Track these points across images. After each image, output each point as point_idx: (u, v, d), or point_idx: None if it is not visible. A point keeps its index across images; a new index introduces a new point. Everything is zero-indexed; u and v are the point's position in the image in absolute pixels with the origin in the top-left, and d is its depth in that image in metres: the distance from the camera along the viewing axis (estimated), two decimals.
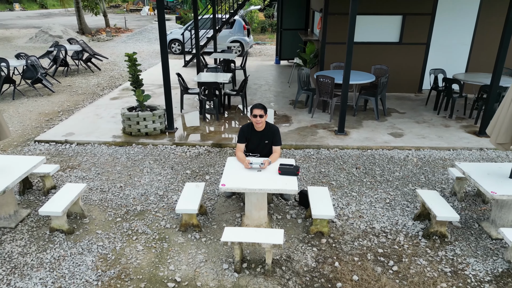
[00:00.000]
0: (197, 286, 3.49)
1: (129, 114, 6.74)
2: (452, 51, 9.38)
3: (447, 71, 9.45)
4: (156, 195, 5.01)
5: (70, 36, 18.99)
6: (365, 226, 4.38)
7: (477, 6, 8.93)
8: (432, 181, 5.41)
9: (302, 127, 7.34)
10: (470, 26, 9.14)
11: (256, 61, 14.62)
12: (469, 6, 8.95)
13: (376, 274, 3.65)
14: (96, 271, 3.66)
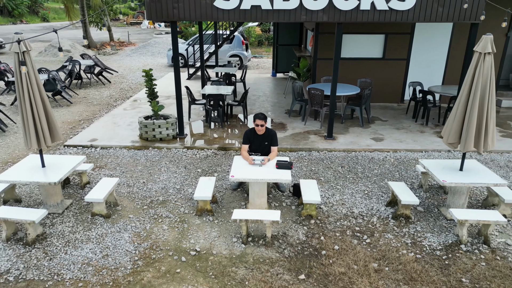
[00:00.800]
0: (213, 254, 4.49)
1: (146, 122, 7.77)
2: (430, 66, 10.52)
3: (426, 84, 10.58)
4: (174, 188, 6.01)
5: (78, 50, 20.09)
6: (346, 211, 5.41)
7: (451, 26, 10.09)
8: (404, 177, 6.46)
9: (296, 133, 8.40)
10: (445, 44, 10.29)
11: (254, 73, 15.74)
12: (443, 26, 10.11)
13: (352, 245, 4.66)
14: (133, 244, 4.65)
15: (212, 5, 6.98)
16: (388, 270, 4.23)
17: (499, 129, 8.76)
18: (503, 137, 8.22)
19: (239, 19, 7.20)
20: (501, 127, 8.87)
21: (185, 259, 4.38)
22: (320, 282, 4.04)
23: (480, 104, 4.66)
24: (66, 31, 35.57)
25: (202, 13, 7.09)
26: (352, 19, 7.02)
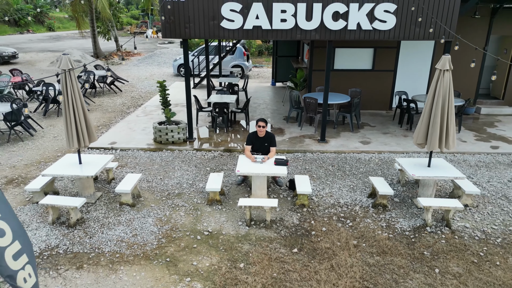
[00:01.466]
0: (223, 234, 5.48)
1: (159, 127, 8.79)
2: (415, 76, 11.56)
3: (411, 93, 11.62)
4: (187, 183, 7.02)
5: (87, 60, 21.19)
6: (334, 201, 6.41)
7: (433, 41, 11.16)
8: (386, 174, 7.46)
9: (293, 137, 9.41)
10: (428, 56, 11.35)
11: (255, 83, 16.80)
12: (426, 41, 11.18)
13: (337, 227, 5.66)
14: (156, 226, 5.64)
15: (219, 26, 8.05)
16: (364, 245, 5.22)
17: (475, 133, 9.79)
18: (476, 141, 9.24)
19: (242, 38, 8.27)
20: (477, 132, 9.89)
21: (200, 238, 5.38)
22: (309, 254, 5.03)
23: (442, 111, 5.68)
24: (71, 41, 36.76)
25: (210, 32, 8.15)
26: (340, 37, 8.08)
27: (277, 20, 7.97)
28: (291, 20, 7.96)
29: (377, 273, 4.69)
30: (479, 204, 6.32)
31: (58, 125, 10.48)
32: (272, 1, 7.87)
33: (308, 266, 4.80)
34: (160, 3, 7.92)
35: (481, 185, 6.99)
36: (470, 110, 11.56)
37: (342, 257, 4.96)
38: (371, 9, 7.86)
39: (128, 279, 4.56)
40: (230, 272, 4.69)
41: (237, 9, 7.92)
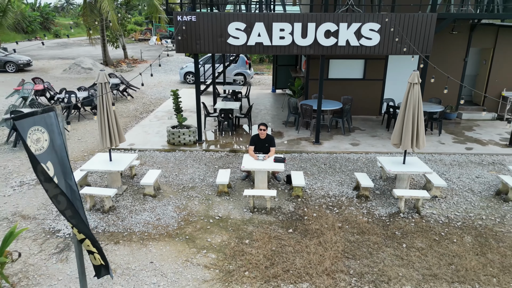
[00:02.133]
0: (231, 218, 6.63)
1: (173, 131, 9.97)
2: (402, 85, 12.72)
3: (398, 100, 12.77)
4: (199, 178, 8.17)
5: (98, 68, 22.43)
6: (324, 193, 7.56)
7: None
8: (371, 171, 8.61)
9: (291, 139, 10.58)
10: (413, 67, 12.52)
11: (256, 89, 18.00)
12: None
13: (326, 213, 6.80)
14: (175, 212, 6.80)
15: (226, 42, 9.24)
16: (347, 227, 6.36)
17: (454, 136, 10.94)
18: (454, 143, 10.39)
19: (245, 53, 9.46)
20: (455, 135, 11.05)
21: (212, 221, 6.53)
22: (302, 234, 6.17)
23: (412, 117, 6.84)
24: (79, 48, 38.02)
25: (218, 48, 9.35)
26: (332, 52, 9.27)
27: (276, 37, 9.16)
28: (289, 37, 9.15)
29: (356, 247, 5.84)
30: (447, 196, 7.47)
31: (80, 128, 11.66)
32: (272, 21, 9.07)
33: (301, 242, 5.95)
34: (175, 24, 9.12)
35: (451, 180, 8.13)
36: (452, 115, 12.72)
37: (328, 235, 6.11)
38: (358, 28, 9.05)
39: (156, 251, 5.70)
40: (238, 246, 5.83)
41: (241, 28, 9.12)
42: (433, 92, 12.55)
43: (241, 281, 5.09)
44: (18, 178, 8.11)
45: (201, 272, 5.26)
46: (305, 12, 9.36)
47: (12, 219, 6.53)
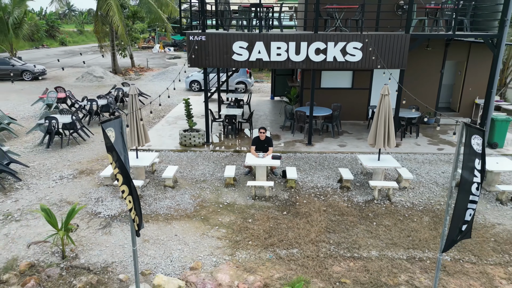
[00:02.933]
0: (236, 204, 8.18)
1: (184, 134, 11.54)
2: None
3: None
4: (208, 173, 9.72)
5: (109, 76, 24.06)
6: (313, 185, 9.11)
7: None
8: (354, 168, 10.17)
9: (287, 141, 12.14)
10: (396, 77, 14.10)
11: (256, 97, 19.59)
12: None
13: (314, 200, 8.36)
14: (191, 199, 8.35)
15: (231, 58, 10.84)
16: (330, 210, 7.91)
17: (429, 139, 12.52)
18: (428, 144, 11.96)
19: (247, 67, 11.05)
20: (431, 138, 12.63)
21: (221, 206, 8.08)
22: (293, 215, 7.72)
23: (384, 122, 8.41)
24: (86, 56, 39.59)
25: (224, 63, 10.94)
26: (321, 67, 10.87)
27: (274, 54, 10.76)
28: (284, 54, 10.75)
29: (336, 225, 7.39)
30: (415, 187, 9.02)
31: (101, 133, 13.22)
32: (270, 40, 10.68)
33: (292, 221, 7.50)
34: (188, 43, 10.72)
35: (420, 175, 9.70)
36: (431, 121, 14.31)
37: (314, 216, 7.66)
38: (344, 46, 10.66)
39: (179, 227, 7.25)
40: (243, 224, 7.38)
41: (244, 46, 10.72)
42: (413, 100, 14.14)
43: (245, 247, 6.64)
44: (57, 173, 9.66)
45: (214, 242, 6.81)
46: (298, 33, 10.96)
47: (60, 205, 8.08)
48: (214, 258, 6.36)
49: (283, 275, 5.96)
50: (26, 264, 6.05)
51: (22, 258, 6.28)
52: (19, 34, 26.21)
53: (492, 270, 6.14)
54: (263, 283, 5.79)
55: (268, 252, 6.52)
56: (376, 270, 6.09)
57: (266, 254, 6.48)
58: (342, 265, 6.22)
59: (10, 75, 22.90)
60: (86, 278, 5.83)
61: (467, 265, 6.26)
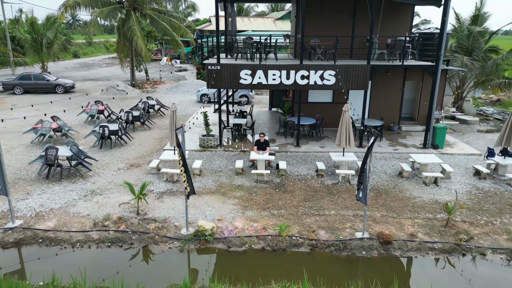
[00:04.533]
0: (244, 185, 11.98)
1: (203, 138, 15.34)
2: (358, 107, 18.11)
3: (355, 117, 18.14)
4: (223, 166, 13.50)
5: (129, 89, 27.90)
6: (298, 174, 12.91)
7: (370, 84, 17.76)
8: (329, 163, 13.95)
9: (281, 144, 15.94)
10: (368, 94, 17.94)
11: (256, 108, 23.43)
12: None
13: (297, 183, 12.16)
14: (213, 182, 12.14)
15: (239, 82, 14.67)
16: (308, 189, 11.71)
17: (390, 142, 16.32)
18: (388, 146, 15.77)
19: (251, 88, 14.89)
20: (391, 141, 16.43)
21: (234, 187, 11.87)
22: (283, 191, 11.51)
23: (345, 129, 12.23)
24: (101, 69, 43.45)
25: (234, 85, 14.78)
26: (305, 88, 14.71)
27: (270, 79, 14.59)
28: (278, 79, 14.59)
29: (311, 197, 11.17)
30: (371, 173, 12.79)
31: (138, 137, 17.02)
32: (267, 69, 14.52)
33: (282, 195, 11.28)
34: (207, 72, 14.56)
35: (376, 167, 13.49)
36: (394, 128, 18.14)
37: (297, 192, 11.44)
38: (322, 73, 14.51)
39: (208, 198, 11.03)
40: (249, 196, 11.16)
41: (248, 73, 14.57)
42: (378, 112, 17.99)
43: (251, 209, 10.42)
44: (115, 166, 13.46)
45: (231, 206, 10.59)
46: (288, 63, 14.82)
47: (124, 186, 11.84)
48: (231, 214, 10.15)
49: (275, 223, 9.73)
50: (116, 217, 9.83)
51: (113, 214, 10.07)
52: (50, 52, 30.10)
53: (404, 221, 9.93)
54: (262, 227, 9.56)
55: (265, 212, 10.30)
56: (332, 221, 9.87)
57: (264, 213, 10.26)
58: (312, 219, 10.00)
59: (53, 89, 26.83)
60: (154, 225, 9.60)
61: (389, 218, 10.05)
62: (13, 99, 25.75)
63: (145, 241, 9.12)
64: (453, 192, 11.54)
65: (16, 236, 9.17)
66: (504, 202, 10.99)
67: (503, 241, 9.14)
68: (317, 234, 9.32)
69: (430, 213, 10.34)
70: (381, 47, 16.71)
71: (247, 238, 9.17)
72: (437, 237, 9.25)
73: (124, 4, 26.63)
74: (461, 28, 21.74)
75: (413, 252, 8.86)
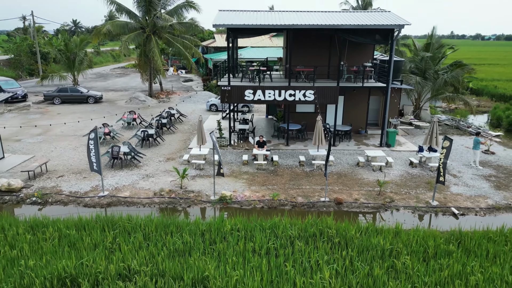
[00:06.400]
0: (249, 172, 17.45)
1: (217, 139, 20.80)
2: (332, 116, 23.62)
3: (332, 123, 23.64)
4: (233, 159, 18.95)
5: (149, 99, 33.30)
6: (286, 164, 18.39)
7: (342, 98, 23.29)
8: (308, 157, 19.44)
9: (275, 143, 21.42)
10: (341, 106, 23.46)
11: (256, 115, 28.91)
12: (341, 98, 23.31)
13: (286, 170, 17.65)
14: (227, 170, 17.60)
15: (244, 98, 20.15)
16: (293, 174, 17.19)
17: (356, 142, 21.83)
18: (354, 145, 21.28)
19: (252, 103, 20.41)
20: (357, 142, 21.94)
21: (242, 172, 17.33)
22: (275, 175, 16.98)
23: (318, 133, 17.72)
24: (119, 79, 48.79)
25: (240, 100, 20.26)
26: (292, 103, 20.21)
27: (267, 96, 20.08)
28: (272, 96, 20.07)
29: (294, 178, 16.64)
30: (337, 164, 18.30)
31: (167, 139, 22.44)
32: (265, 89, 20.01)
33: (275, 177, 16.75)
34: (221, 92, 20.03)
35: (341, 160, 18.98)
36: (362, 131, 23.67)
37: (285, 175, 16.92)
38: (304, 92, 20.01)
39: (224, 180, 16.45)
40: (252, 178, 16.63)
41: (251, 92, 20.05)
42: (350, 119, 23.53)
43: (254, 185, 15.88)
44: (156, 159, 18.89)
45: (241, 183, 16.04)
46: (279, 85, 20.29)
47: (166, 172, 17.26)
48: (241, 188, 15.61)
49: (270, 193, 15.18)
50: (168, 189, 15.27)
51: (165, 188, 15.50)
52: (80, 68, 35.51)
53: (353, 192, 15.41)
54: (262, 195, 15.01)
55: (264, 187, 15.76)
56: (307, 192, 15.33)
57: (263, 187, 15.73)
58: (294, 191, 15.46)
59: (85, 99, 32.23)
60: (193, 194, 15.04)
61: (344, 190, 15.53)
62: (55, 108, 31.14)
63: (188, 203, 14.56)
64: (390, 175, 17.06)
65: (107, 200, 14.59)
66: (423, 181, 16.51)
67: (412, 202, 14.63)
68: (296, 199, 14.79)
69: (371, 187, 15.84)
70: (349, 72, 22.25)
71: (252, 201, 14.61)
72: (372, 201, 14.74)
73: (145, 30, 32.08)
74: (417, 54, 27.37)
75: (355, 209, 14.34)
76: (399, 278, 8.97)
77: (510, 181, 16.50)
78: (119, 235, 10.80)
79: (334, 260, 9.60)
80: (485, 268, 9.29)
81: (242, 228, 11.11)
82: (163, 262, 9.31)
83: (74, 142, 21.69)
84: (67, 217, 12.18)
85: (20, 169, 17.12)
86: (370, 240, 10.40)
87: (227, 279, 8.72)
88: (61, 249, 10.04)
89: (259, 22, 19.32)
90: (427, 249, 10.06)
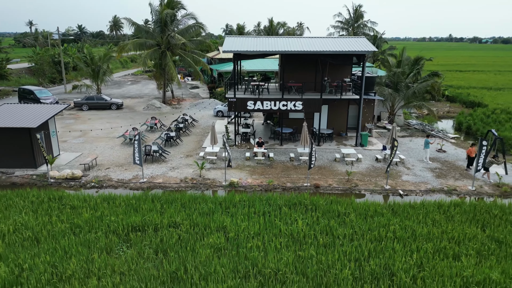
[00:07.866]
0: (251, 165, 22.70)
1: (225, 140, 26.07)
2: (322, 120, 28.83)
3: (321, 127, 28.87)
4: (238, 156, 24.18)
5: (163, 106, 38.52)
6: (280, 160, 23.64)
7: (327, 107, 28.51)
8: (297, 154, 24.67)
9: (271, 144, 26.64)
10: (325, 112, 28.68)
11: (255, 120, 34.13)
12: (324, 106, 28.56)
13: (279, 164, 22.90)
14: (234, 164, 22.85)
15: (246, 107, 25.39)
16: (284, 167, 22.43)
17: (336, 142, 27.07)
18: (335, 146, 26.50)
19: (253, 111, 25.65)
20: (338, 142, 27.18)
21: (244, 165, 22.58)
22: (271, 168, 22.22)
23: (305, 135, 22.96)
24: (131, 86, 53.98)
25: (243, 109, 25.51)
26: (285, 111, 25.47)
27: (265, 106, 25.31)
28: (269, 106, 25.30)
29: (285, 170, 21.88)
30: (319, 160, 23.54)
31: (184, 140, 27.68)
32: (263, 100, 25.25)
33: (271, 169, 21.98)
34: (229, 103, 25.29)
35: (323, 156, 24.20)
36: (343, 134, 28.91)
37: (278, 168, 22.16)
38: (294, 103, 25.26)
39: (232, 171, 21.69)
40: (254, 170, 21.87)
41: (252, 103, 25.29)
42: (333, 124, 28.78)
43: (255, 175, 21.12)
44: (178, 155, 24.13)
45: (245, 173, 21.28)
46: (275, 97, 25.52)
47: (187, 165, 22.49)
48: (245, 177, 20.83)
49: (266, 180, 20.40)
50: (191, 178, 20.53)
51: (188, 176, 20.74)
52: (104, 79, 40.76)
53: (328, 179, 20.65)
54: (260, 182, 20.24)
55: (262, 176, 20.98)
56: (294, 179, 20.56)
57: (261, 176, 20.95)
58: (284, 179, 20.68)
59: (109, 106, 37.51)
60: (209, 180, 20.29)
61: (322, 178, 20.76)
62: (84, 114, 36.41)
63: (206, 187, 19.78)
64: (359, 168, 22.28)
65: (146, 185, 19.82)
66: (383, 172, 21.73)
67: (372, 187, 19.85)
68: (286, 184, 20.02)
69: (342, 176, 21.07)
70: (331, 86, 27.49)
71: (253, 185, 19.84)
72: (341, 186, 19.96)
73: (161, 46, 37.35)
74: (390, 70, 32.67)
75: (328, 191, 19.56)
76: (346, 227, 14.21)
77: (449, 172, 21.76)
78: (164, 204, 16.05)
79: (307, 218, 14.84)
80: (402, 222, 14.54)
81: (246, 200, 16.35)
82: (196, 218, 14.55)
83: (110, 142, 26.94)
84: (124, 194, 17.42)
85: (75, 163, 22.37)
86: (331, 207, 15.65)
87: (237, 227, 13.95)
88: (128, 211, 15.29)
89: (259, 48, 24.62)
90: (368, 212, 15.30)
